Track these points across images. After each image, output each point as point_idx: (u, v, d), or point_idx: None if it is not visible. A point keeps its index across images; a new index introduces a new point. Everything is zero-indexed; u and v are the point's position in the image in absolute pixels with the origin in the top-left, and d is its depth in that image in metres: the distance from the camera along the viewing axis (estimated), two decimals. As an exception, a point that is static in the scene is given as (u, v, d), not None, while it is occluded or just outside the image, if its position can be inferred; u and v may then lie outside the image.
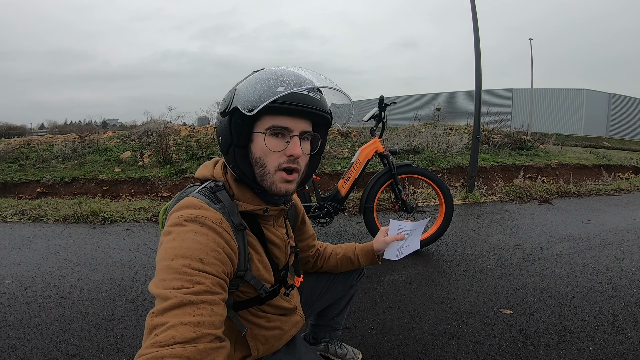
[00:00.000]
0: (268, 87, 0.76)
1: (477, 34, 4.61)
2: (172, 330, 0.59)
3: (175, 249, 0.69)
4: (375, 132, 2.72)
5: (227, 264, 0.74)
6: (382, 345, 1.60)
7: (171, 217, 0.76)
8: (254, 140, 0.81)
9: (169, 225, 0.74)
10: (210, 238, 0.72)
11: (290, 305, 0.99)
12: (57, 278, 2.32)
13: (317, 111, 0.81)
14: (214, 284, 0.68)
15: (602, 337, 1.64)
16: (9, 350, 1.57)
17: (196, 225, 0.73)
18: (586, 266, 2.44)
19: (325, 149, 6.60)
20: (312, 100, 0.80)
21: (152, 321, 0.62)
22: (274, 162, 0.81)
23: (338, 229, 3.32)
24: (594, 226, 3.38)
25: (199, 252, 0.69)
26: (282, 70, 0.82)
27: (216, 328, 0.64)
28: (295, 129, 0.80)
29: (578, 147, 13.88)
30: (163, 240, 0.73)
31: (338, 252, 1.22)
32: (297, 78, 0.79)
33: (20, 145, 7.50)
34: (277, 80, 0.77)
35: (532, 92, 24.73)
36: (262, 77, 0.79)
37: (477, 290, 2.11)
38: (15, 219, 3.78)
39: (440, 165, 6.43)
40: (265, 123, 0.79)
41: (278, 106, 0.76)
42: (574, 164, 7.58)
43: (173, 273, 0.66)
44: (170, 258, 0.68)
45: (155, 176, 5.90)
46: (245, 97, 0.77)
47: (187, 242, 0.70)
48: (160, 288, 0.65)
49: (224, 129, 0.82)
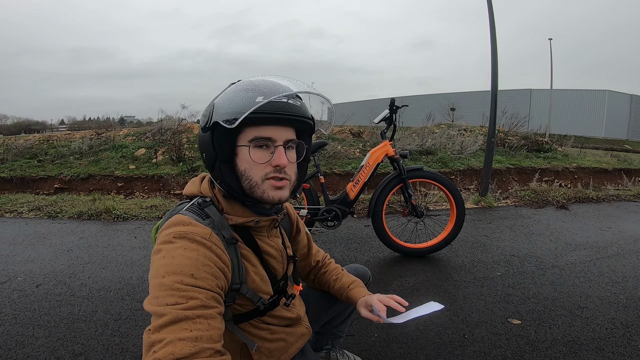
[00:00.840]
0: (246, 98, 0.75)
1: (493, 32, 4.51)
2: (170, 347, 0.59)
3: (166, 266, 0.69)
4: (386, 135, 2.68)
5: (220, 277, 0.73)
6: (384, 353, 1.58)
7: (160, 235, 0.76)
8: (238, 154, 0.80)
9: (158, 243, 0.74)
10: (200, 253, 0.72)
11: (293, 315, 0.98)
12: (68, 276, 2.37)
13: (298, 117, 0.80)
14: (209, 298, 0.68)
15: (612, 349, 1.58)
16: (16, 348, 1.61)
17: (185, 241, 0.73)
18: (602, 275, 2.37)
19: (336, 149, 6.58)
20: (293, 107, 0.79)
21: (150, 338, 0.62)
22: (260, 173, 0.80)
23: (347, 231, 3.30)
24: (612, 234, 3.28)
25: (190, 267, 0.69)
26: (259, 80, 0.81)
27: (215, 342, 0.64)
28: (279, 138, 0.79)
29: (598, 150, 13.49)
30: (154, 258, 0.73)
31: (333, 279, 1.17)
32: (274, 86, 0.79)
33: (39, 141, 7.70)
34: (255, 91, 0.76)
35: (550, 92, 24.16)
36: (239, 89, 0.79)
37: (486, 298, 2.07)
38: (32, 215, 3.89)
39: (453, 167, 6.34)
40: (247, 135, 0.78)
41: (258, 116, 0.75)
42: (593, 167, 7.37)
43: (166, 290, 0.66)
44: (161, 275, 0.68)
45: (168, 174, 5.98)
46: (225, 110, 0.77)
47: (177, 258, 0.70)
48: (155, 305, 0.65)
49: (206, 144, 0.82)
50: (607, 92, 28.71)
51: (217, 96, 0.83)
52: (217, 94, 0.84)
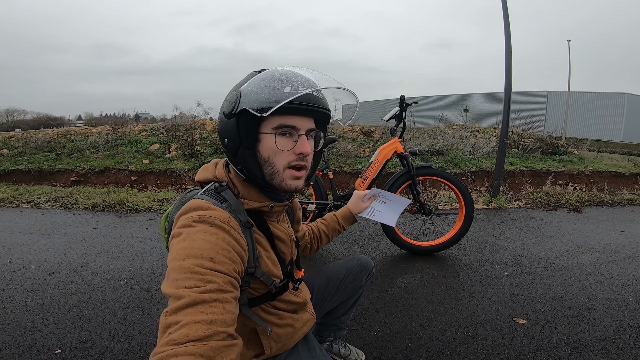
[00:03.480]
0: (276, 88, 0.77)
1: (507, 31, 4.46)
2: (185, 329, 0.61)
3: (187, 249, 0.70)
4: (395, 132, 2.68)
5: (238, 262, 0.75)
6: (386, 348, 1.58)
7: (180, 219, 0.77)
8: (261, 141, 0.82)
9: (178, 227, 0.76)
10: (219, 237, 0.73)
11: (300, 299, 1.00)
12: (80, 265, 2.43)
13: (321, 109, 0.83)
14: (225, 282, 0.69)
15: (617, 351, 1.56)
16: (24, 335, 1.66)
17: (205, 225, 0.74)
18: (612, 278, 2.32)
19: (346, 148, 6.58)
20: (316, 99, 0.82)
21: (166, 320, 0.63)
22: (283, 161, 0.82)
23: (353, 228, 3.30)
24: (625, 237, 3.21)
25: (210, 251, 0.70)
26: (286, 70, 0.83)
27: (228, 326, 0.65)
28: (302, 127, 0.82)
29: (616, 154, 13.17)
30: (173, 242, 0.74)
31: (324, 228, 1.28)
32: (300, 78, 0.81)
33: (57, 136, 7.89)
34: (284, 82, 0.78)
35: (568, 95, 23.66)
36: (268, 79, 0.80)
37: (492, 297, 2.05)
38: (48, 206, 3.99)
39: (464, 168, 6.27)
40: (272, 123, 0.80)
41: (287, 106, 0.77)
42: (609, 171, 7.20)
43: (185, 272, 0.67)
44: (181, 258, 0.69)
45: (180, 168, 6.07)
46: (254, 98, 0.78)
47: (197, 242, 0.71)
48: (173, 288, 0.67)
49: (230, 130, 0.83)
50: (626, 95, 27.99)
51: (242, 84, 0.84)
52: (240, 82, 0.86)
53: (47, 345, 1.57)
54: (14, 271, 2.33)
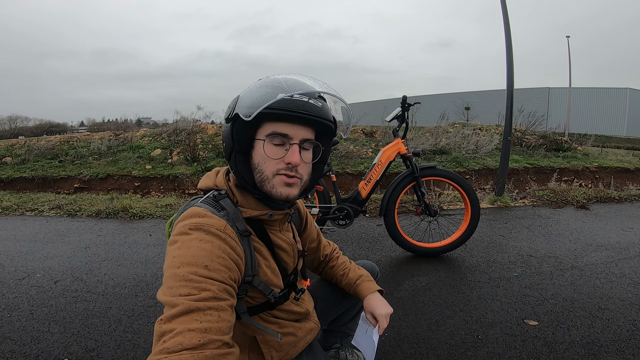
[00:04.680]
0: (267, 94, 0.76)
1: (508, 30, 4.43)
2: (179, 337, 0.60)
3: (181, 257, 0.70)
4: (398, 133, 2.65)
5: (234, 269, 0.74)
6: (394, 353, 1.55)
7: (176, 227, 0.77)
8: (254, 147, 0.82)
9: (174, 234, 0.76)
10: (215, 245, 0.73)
11: (302, 309, 0.98)
12: (85, 272, 2.42)
13: (317, 118, 0.80)
14: (221, 290, 0.69)
15: (633, 352, 1.53)
16: (31, 344, 1.64)
17: (201, 233, 0.74)
18: (624, 276, 2.29)
19: (348, 149, 6.55)
20: (312, 107, 0.79)
21: (161, 328, 0.63)
22: (272, 168, 0.80)
23: (358, 230, 3.28)
24: (634, 234, 3.16)
25: (205, 259, 0.70)
26: (284, 77, 0.82)
27: (223, 334, 0.65)
28: (295, 136, 0.80)
29: (620, 149, 13.08)
30: (169, 249, 0.74)
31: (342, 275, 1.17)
32: (297, 85, 0.80)
33: (60, 142, 7.91)
34: (277, 87, 0.78)
35: (569, 90, 23.56)
36: (263, 85, 0.80)
37: (502, 299, 2.02)
38: (52, 213, 3.99)
39: (468, 166, 6.23)
40: (265, 130, 0.80)
41: (277, 113, 0.76)
42: (615, 167, 7.14)
43: (180, 280, 0.67)
44: (176, 266, 0.69)
45: (182, 173, 6.07)
46: (245, 103, 0.79)
47: (192, 249, 0.71)
48: (168, 295, 0.66)
49: (227, 135, 0.84)
50: (628, 90, 27.86)
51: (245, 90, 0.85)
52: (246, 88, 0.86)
53: (54, 354, 1.56)
54: (18, 279, 2.32)
